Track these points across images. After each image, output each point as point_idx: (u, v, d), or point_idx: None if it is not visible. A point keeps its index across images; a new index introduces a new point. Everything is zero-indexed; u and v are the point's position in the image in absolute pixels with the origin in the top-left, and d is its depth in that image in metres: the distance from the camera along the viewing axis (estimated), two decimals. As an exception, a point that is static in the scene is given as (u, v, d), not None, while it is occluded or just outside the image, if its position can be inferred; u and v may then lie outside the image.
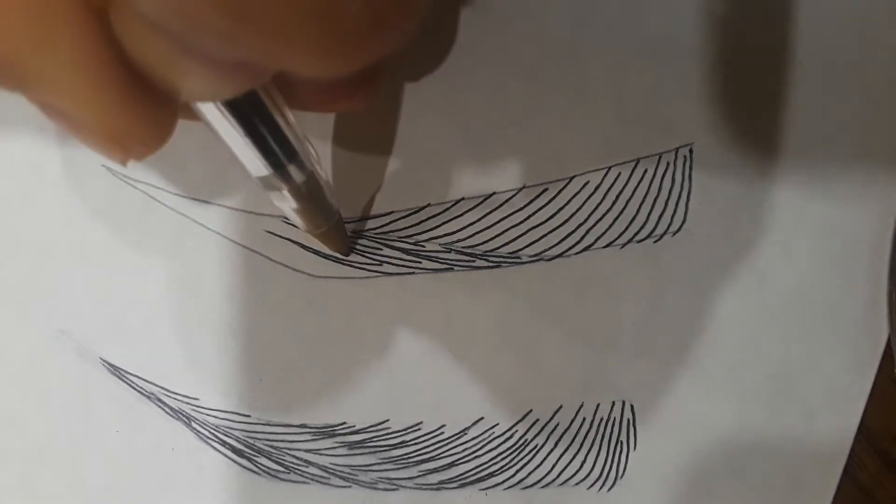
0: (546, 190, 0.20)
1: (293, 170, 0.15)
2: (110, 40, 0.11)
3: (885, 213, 0.21)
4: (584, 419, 0.21)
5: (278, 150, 0.15)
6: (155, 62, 0.11)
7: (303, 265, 0.20)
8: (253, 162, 0.15)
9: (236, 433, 0.21)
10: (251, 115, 0.14)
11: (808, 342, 0.21)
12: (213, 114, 0.14)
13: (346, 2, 0.10)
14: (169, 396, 0.21)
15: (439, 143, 0.20)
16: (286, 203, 0.16)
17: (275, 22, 0.10)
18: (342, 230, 0.19)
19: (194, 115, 0.14)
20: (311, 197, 0.17)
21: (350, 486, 0.21)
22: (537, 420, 0.21)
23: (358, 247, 0.20)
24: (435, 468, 0.21)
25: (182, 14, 0.10)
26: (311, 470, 0.21)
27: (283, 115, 0.15)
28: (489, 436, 0.21)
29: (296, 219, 0.18)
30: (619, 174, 0.20)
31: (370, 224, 0.20)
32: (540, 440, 0.21)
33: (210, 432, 0.21)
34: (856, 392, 0.21)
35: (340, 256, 0.20)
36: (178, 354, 0.20)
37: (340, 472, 0.21)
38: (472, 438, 0.21)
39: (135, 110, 0.11)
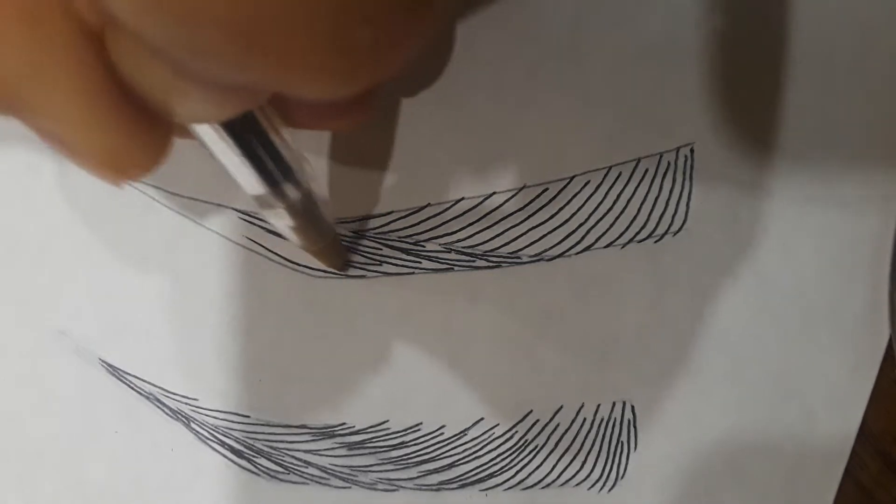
0: (546, 190, 0.20)
1: (289, 188, 0.15)
2: (106, 65, 0.11)
3: (886, 213, 0.21)
4: (584, 420, 0.21)
5: (274, 169, 0.15)
6: (152, 86, 0.11)
7: (303, 265, 0.20)
8: (248, 180, 0.15)
9: (235, 434, 0.21)
10: (247, 134, 0.14)
11: (808, 342, 0.21)
12: (209, 134, 0.14)
13: (356, 27, 0.10)
14: (168, 397, 0.21)
15: (439, 143, 0.20)
16: (282, 221, 0.16)
17: (285, 49, 0.09)
18: (338, 246, 0.19)
19: (189, 134, 0.14)
20: (307, 214, 0.17)
21: (349, 487, 0.21)
22: (538, 420, 0.21)
23: (358, 247, 0.20)
24: (435, 469, 0.21)
25: (192, 42, 0.09)
26: (311, 471, 0.21)
27: (279, 133, 0.15)
28: (489, 436, 0.21)
29: (291, 236, 0.18)
30: (620, 174, 0.20)
31: (370, 224, 0.20)
32: (540, 441, 0.21)
33: (209, 433, 0.21)
34: (857, 392, 0.21)
35: (336, 272, 0.20)
36: (177, 355, 0.20)
37: (340, 472, 0.21)
38: (473, 439, 0.21)
39: (129, 133, 0.11)
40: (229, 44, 0.09)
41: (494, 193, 0.20)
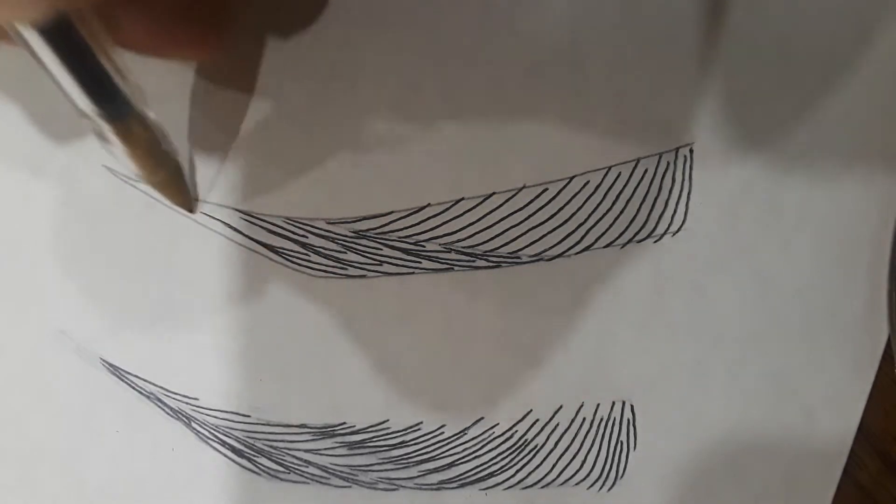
0: (546, 190, 0.20)
1: (116, 108, 0.16)
2: None
3: (885, 212, 0.21)
4: (584, 419, 0.21)
5: (97, 86, 0.15)
6: None
7: (303, 265, 0.20)
8: (74, 97, 0.15)
9: (236, 433, 0.21)
10: (66, 44, 0.14)
11: (808, 342, 0.21)
12: (31, 41, 0.14)
13: None
14: (169, 396, 0.21)
15: (439, 143, 0.20)
16: (114, 147, 0.17)
17: None
18: (180, 180, 0.19)
19: (9, 40, 0.14)
20: (141, 140, 0.17)
21: (350, 487, 0.21)
22: (537, 420, 0.21)
23: (358, 247, 0.20)
24: (435, 468, 0.21)
25: None
26: (311, 470, 0.21)
27: (106, 51, 0.15)
28: (489, 436, 0.21)
29: (129, 165, 0.17)
30: (619, 174, 0.20)
31: (370, 224, 0.20)
32: (540, 440, 0.21)
33: (210, 432, 0.21)
34: (856, 392, 0.21)
35: (186, 213, 0.20)
36: (177, 354, 0.20)
37: (340, 472, 0.21)
38: (472, 438, 0.21)
39: None
40: None
41: (494, 193, 0.20)
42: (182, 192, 0.19)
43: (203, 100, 0.19)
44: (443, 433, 0.21)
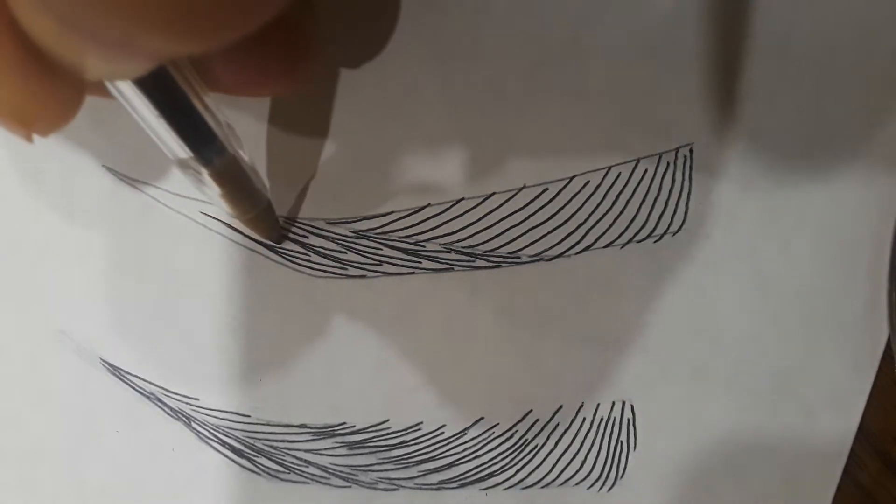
0: (546, 190, 0.20)
1: (212, 153, 0.15)
2: (9, 20, 0.11)
3: (885, 213, 0.21)
4: (584, 419, 0.21)
5: (194, 132, 0.15)
6: (49, 42, 0.11)
7: (303, 265, 0.20)
8: (170, 144, 0.15)
9: (236, 433, 0.21)
10: (162, 95, 0.14)
11: (808, 342, 0.21)
12: (126, 94, 0.14)
13: None
14: (169, 396, 0.21)
15: (439, 143, 0.20)
16: (209, 189, 0.16)
17: (121, 3, 0.09)
18: (271, 216, 0.19)
19: (105, 92, 0.14)
20: (235, 182, 0.16)
21: (350, 487, 0.21)
22: (537, 420, 0.21)
23: (358, 247, 0.20)
24: (435, 468, 0.21)
25: None
26: (311, 470, 0.21)
27: (200, 97, 0.15)
28: (489, 436, 0.21)
29: (222, 205, 0.17)
30: (619, 174, 0.20)
31: (370, 224, 0.20)
32: (540, 440, 0.21)
33: (210, 432, 0.21)
34: (856, 392, 0.21)
35: (272, 244, 0.20)
36: (177, 354, 0.20)
37: (340, 472, 0.21)
38: (472, 438, 0.21)
39: (37, 88, 0.11)
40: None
41: (494, 193, 0.20)
42: (273, 228, 0.20)
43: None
44: (443, 433, 0.21)
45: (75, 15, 0.10)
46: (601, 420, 0.21)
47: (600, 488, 0.21)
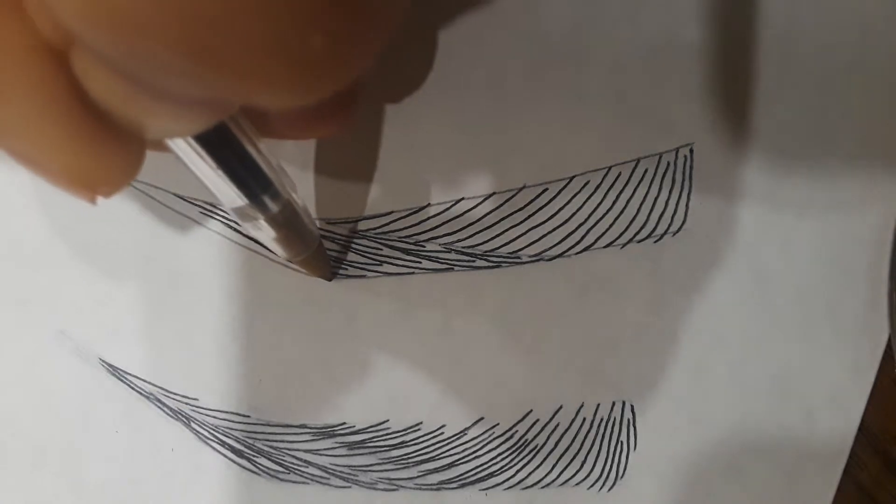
0: (546, 190, 0.20)
1: (268, 199, 0.15)
2: (72, 83, 0.10)
3: (886, 212, 0.21)
4: (584, 419, 0.21)
5: (251, 181, 0.15)
6: (118, 103, 0.11)
7: (303, 265, 0.20)
8: (226, 193, 0.15)
9: (236, 433, 0.21)
10: (221, 147, 0.14)
11: (808, 342, 0.21)
12: (184, 148, 0.13)
13: (306, 35, 0.09)
14: (168, 397, 0.21)
15: (439, 143, 0.20)
16: (264, 233, 0.16)
17: (236, 59, 0.09)
18: (323, 256, 0.19)
19: (164, 147, 0.13)
20: (289, 225, 0.16)
21: (350, 487, 0.21)
22: (537, 420, 0.21)
23: (358, 247, 0.20)
24: (435, 468, 0.21)
25: (141, 55, 0.09)
26: (311, 470, 0.21)
27: (255, 145, 0.15)
28: (489, 436, 0.21)
29: (275, 248, 0.17)
30: (620, 174, 0.20)
31: (370, 224, 0.20)
32: (540, 440, 0.21)
33: (209, 433, 0.21)
34: (856, 392, 0.21)
35: (325, 280, 0.20)
36: (177, 355, 0.20)
37: (340, 472, 0.21)
38: (473, 438, 0.21)
39: (98, 151, 0.11)
40: (178, 56, 0.09)
41: (494, 193, 0.20)
42: (325, 267, 0.20)
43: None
44: (443, 433, 0.21)
45: (167, 79, 0.10)
46: (601, 420, 0.21)
47: (600, 489, 0.21)
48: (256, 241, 0.20)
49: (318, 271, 0.20)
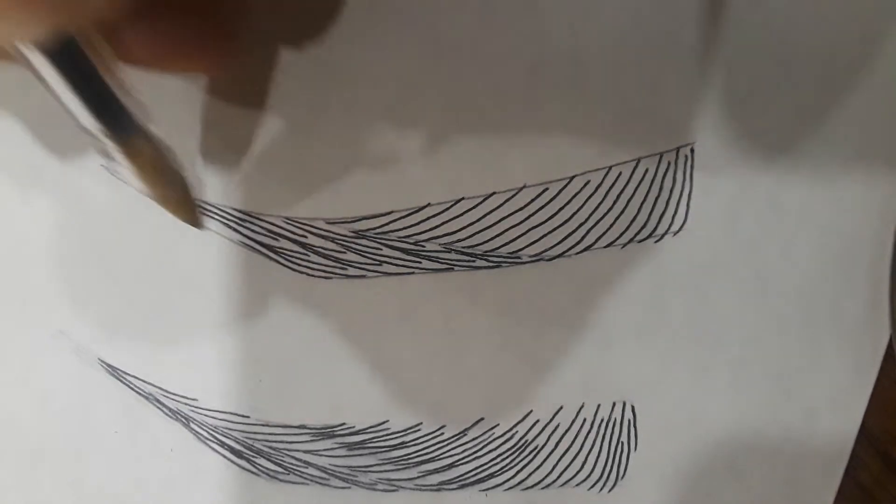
0: (546, 190, 0.20)
1: (121, 125, 0.15)
2: None
3: (886, 212, 0.21)
4: (584, 420, 0.21)
5: (103, 103, 0.15)
6: None
7: (302, 265, 0.20)
8: (81, 115, 0.15)
9: (235, 434, 0.21)
10: (70, 63, 0.14)
11: (808, 342, 0.21)
12: (34, 59, 0.14)
13: None
14: (168, 397, 0.21)
15: (439, 142, 0.20)
16: (121, 166, 0.16)
17: None
18: (189, 197, 0.19)
19: (12, 58, 0.14)
20: (147, 157, 0.16)
21: (349, 487, 0.21)
22: (538, 420, 0.21)
23: (358, 247, 0.20)
24: (435, 469, 0.21)
25: None
26: (311, 471, 0.21)
27: (111, 69, 0.15)
28: (489, 436, 0.21)
29: (136, 183, 0.17)
30: (620, 174, 0.20)
31: (370, 224, 0.20)
32: (540, 441, 0.21)
33: (209, 433, 0.21)
34: (857, 392, 0.21)
35: (193, 227, 0.19)
36: (177, 355, 0.20)
37: (340, 473, 0.21)
38: (473, 439, 0.21)
39: None
40: None
41: (494, 193, 0.20)
42: (190, 210, 0.19)
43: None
44: (443, 434, 0.21)
45: None
46: (602, 421, 0.21)
47: (601, 489, 0.21)
48: (256, 242, 0.20)
49: (185, 215, 0.19)
